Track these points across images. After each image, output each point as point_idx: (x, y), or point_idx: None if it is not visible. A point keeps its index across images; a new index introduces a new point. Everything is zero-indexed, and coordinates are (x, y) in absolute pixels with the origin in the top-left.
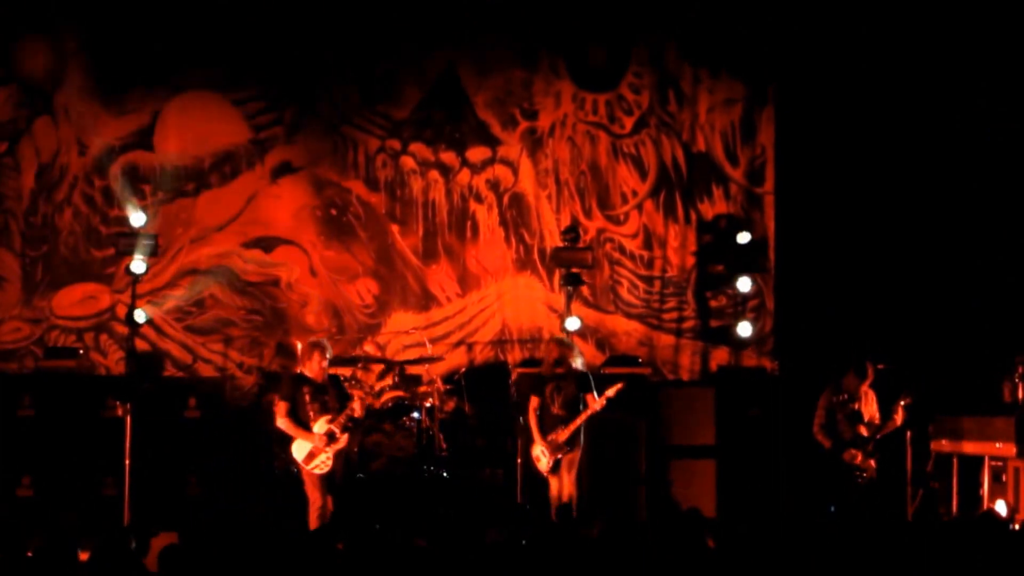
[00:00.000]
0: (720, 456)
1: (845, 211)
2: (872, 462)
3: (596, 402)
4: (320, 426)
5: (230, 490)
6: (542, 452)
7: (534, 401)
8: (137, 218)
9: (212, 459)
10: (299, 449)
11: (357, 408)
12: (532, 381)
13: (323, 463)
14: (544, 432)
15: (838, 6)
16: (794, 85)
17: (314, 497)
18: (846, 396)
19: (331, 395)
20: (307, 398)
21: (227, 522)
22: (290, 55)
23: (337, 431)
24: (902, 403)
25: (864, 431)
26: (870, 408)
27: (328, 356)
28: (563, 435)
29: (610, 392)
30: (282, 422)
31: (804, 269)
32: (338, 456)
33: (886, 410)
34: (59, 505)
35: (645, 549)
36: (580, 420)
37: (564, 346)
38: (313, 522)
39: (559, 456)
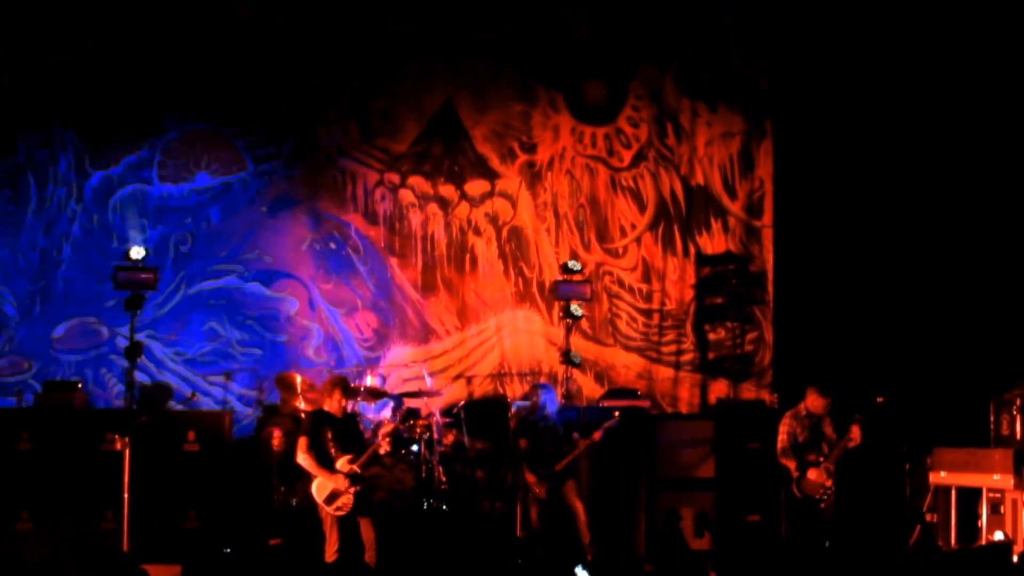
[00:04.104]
0: (720, 489)
1: (844, 244)
2: (830, 482)
3: (595, 435)
4: (342, 465)
5: (229, 523)
6: (537, 484)
7: (523, 443)
8: (135, 252)
9: (211, 492)
10: (320, 489)
11: (383, 445)
12: (520, 422)
13: (344, 504)
14: (535, 467)
15: (835, 41)
16: (792, 118)
17: (332, 539)
18: (808, 417)
19: (351, 433)
20: (329, 435)
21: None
22: (290, 89)
23: (359, 471)
24: (856, 423)
25: (825, 448)
26: (829, 429)
27: (349, 395)
28: (559, 466)
29: (607, 425)
30: (304, 459)
31: (803, 301)
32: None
33: (842, 430)
34: (58, 539)
35: None
36: (575, 453)
37: (535, 395)
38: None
39: (556, 485)
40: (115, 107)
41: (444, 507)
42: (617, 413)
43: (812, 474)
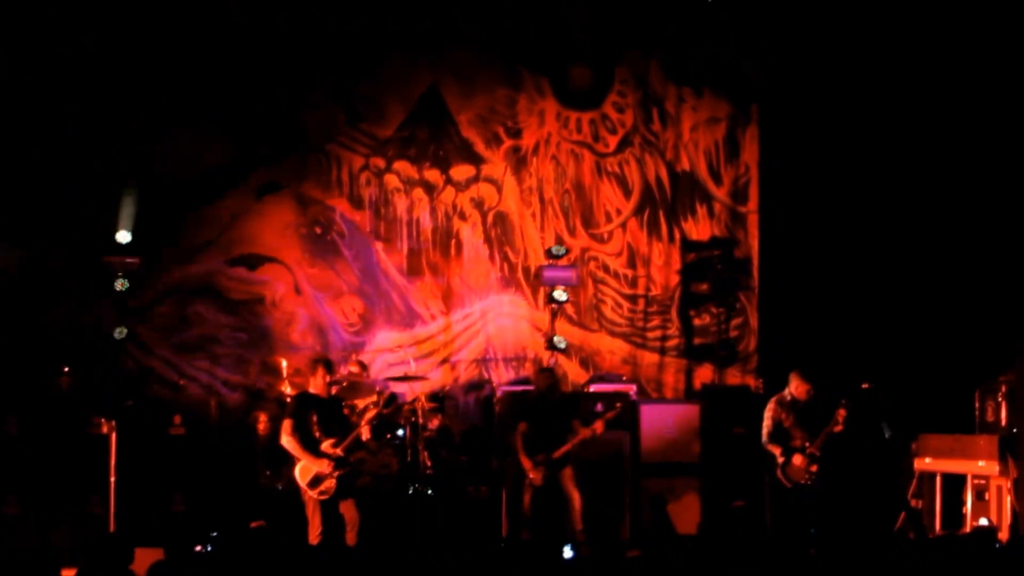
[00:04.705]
0: (704, 474)
1: (829, 229)
2: (815, 467)
3: (596, 425)
4: (326, 449)
5: (215, 507)
6: (533, 470)
7: (522, 426)
8: (122, 235)
9: (197, 476)
10: (304, 473)
11: (365, 432)
12: (520, 405)
13: (328, 488)
14: (533, 451)
15: (822, 25)
16: (778, 104)
17: (315, 522)
18: (793, 402)
19: (336, 416)
20: (314, 418)
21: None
22: (275, 74)
23: (344, 455)
24: (842, 410)
25: (810, 434)
26: (814, 415)
27: (332, 373)
28: (557, 453)
29: (609, 415)
30: (288, 441)
31: (787, 287)
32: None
33: (826, 417)
34: (45, 523)
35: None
36: (576, 441)
37: (554, 376)
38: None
39: (553, 471)
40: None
41: (429, 491)
42: (619, 404)
43: (797, 460)
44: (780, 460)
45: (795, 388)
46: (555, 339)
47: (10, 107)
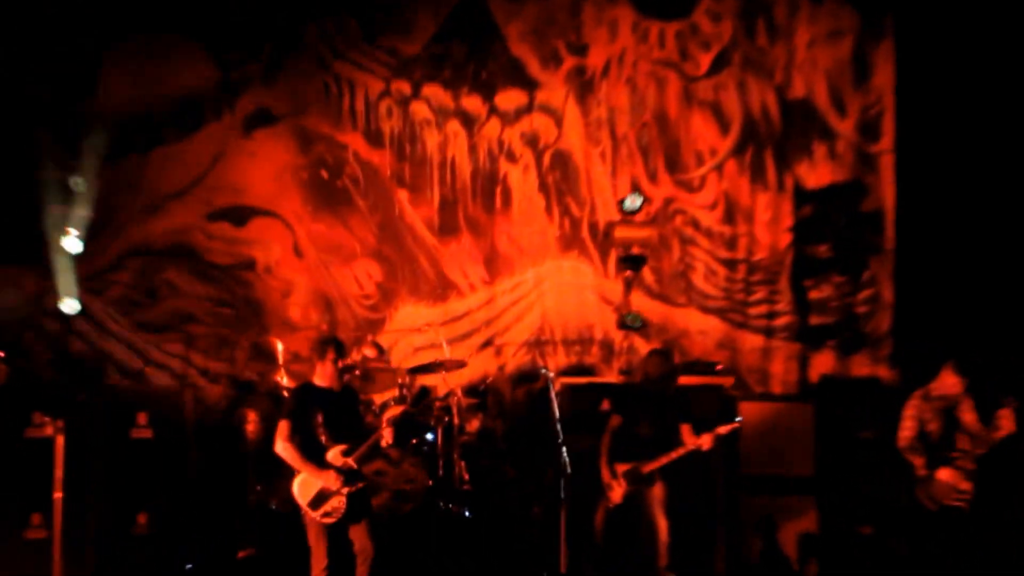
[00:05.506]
0: (821, 491)
1: (985, 174)
2: (967, 485)
3: (702, 439)
4: (334, 458)
5: (191, 532)
6: (616, 482)
7: (615, 420)
8: (73, 183)
9: (168, 491)
10: (303, 489)
11: (385, 436)
12: (618, 396)
13: (334, 509)
14: (618, 458)
15: None
16: (919, 13)
17: (318, 552)
18: (942, 401)
19: (347, 415)
20: (319, 418)
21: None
22: None
23: (356, 466)
24: (1007, 408)
25: (966, 444)
26: (970, 416)
27: (343, 358)
28: (649, 466)
29: (722, 430)
30: (284, 449)
31: (932, 249)
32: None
33: (988, 418)
34: None
35: None
36: (676, 454)
37: (669, 361)
38: None
39: (637, 488)
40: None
41: (466, 513)
42: (740, 419)
43: (944, 474)
44: (922, 474)
45: (946, 383)
46: (629, 316)
47: None
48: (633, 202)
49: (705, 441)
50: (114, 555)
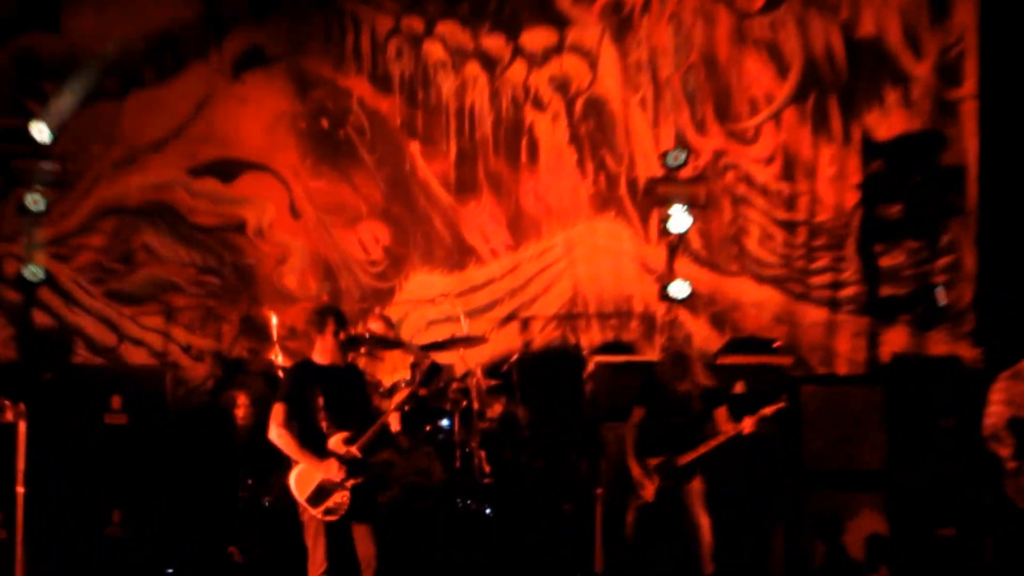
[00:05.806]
0: (892, 487)
1: None
2: None
3: (744, 423)
4: (336, 446)
5: (172, 530)
6: (645, 479)
7: (638, 413)
8: (37, 131)
9: (145, 484)
10: (301, 482)
11: (394, 421)
12: (639, 383)
13: (337, 505)
14: (648, 452)
15: None
16: None
17: (317, 554)
18: None
19: (351, 398)
20: (319, 401)
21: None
22: None
23: (361, 456)
24: None
25: None
26: None
27: (346, 331)
28: (685, 458)
29: (767, 411)
30: (279, 436)
31: (1019, 211)
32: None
33: None
34: None
35: None
36: (715, 442)
37: (682, 362)
38: None
39: (673, 484)
40: None
41: (487, 510)
42: (785, 399)
43: None
44: (1011, 467)
45: None
46: (673, 285)
47: None
48: (677, 157)
49: (747, 425)
50: (84, 558)
